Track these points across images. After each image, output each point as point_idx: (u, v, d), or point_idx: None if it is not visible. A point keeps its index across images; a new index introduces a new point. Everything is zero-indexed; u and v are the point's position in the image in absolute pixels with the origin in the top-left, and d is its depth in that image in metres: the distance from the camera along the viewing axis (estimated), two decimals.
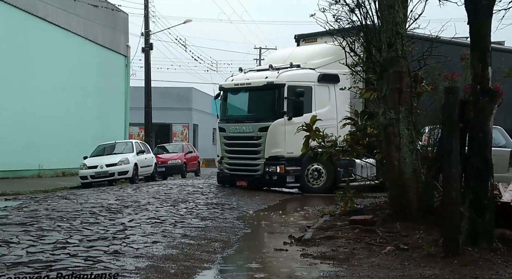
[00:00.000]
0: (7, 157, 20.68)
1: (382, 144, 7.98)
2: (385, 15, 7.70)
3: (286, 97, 14.44)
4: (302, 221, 9.66)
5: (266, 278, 5.81)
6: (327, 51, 15.41)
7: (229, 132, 15.22)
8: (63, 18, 25.04)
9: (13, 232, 7.25)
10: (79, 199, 11.48)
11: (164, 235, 7.51)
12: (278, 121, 14.45)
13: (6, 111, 21.24)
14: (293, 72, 14.95)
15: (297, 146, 14.21)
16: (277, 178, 14.50)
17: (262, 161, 14.49)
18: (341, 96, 14.98)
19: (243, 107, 15.71)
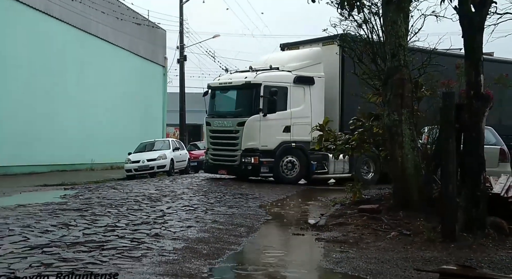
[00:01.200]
0: (66, 153, 21.09)
1: (387, 142, 7.89)
2: (389, 29, 7.61)
3: (262, 95, 14.06)
4: (316, 210, 9.58)
5: (286, 258, 5.76)
6: (304, 56, 15.28)
7: (213, 127, 14.93)
8: (111, 35, 25.33)
9: (71, 216, 7.31)
10: (125, 189, 11.55)
11: (197, 220, 7.50)
12: (253, 117, 14.07)
13: (65, 115, 21.61)
14: (270, 74, 14.61)
15: (271, 139, 14.26)
16: (251, 168, 14.08)
17: (239, 153, 14.15)
18: (316, 97, 14.79)
19: (225, 104, 15.38)
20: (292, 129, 14.38)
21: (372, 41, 8.59)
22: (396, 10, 7.50)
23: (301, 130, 14.30)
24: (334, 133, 9.47)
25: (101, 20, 24.02)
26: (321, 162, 14.74)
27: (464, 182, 6.26)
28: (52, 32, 20.96)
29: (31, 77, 19.60)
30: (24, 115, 19.15)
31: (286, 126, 14.34)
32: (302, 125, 14.30)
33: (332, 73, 15.18)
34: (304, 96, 14.72)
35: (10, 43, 18.51)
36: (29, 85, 19.54)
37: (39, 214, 7.44)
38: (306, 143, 14.56)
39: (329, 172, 15.02)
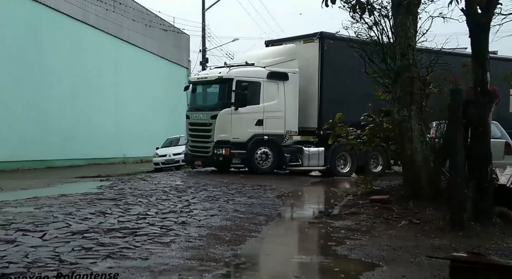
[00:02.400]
0: (101, 148, 21.39)
1: (397, 137, 7.72)
2: (398, 31, 7.42)
3: (233, 90, 13.38)
4: (330, 200, 9.43)
5: (301, 245, 5.66)
6: (278, 52, 14.69)
7: (191, 119, 14.39)
8: (141, 40, 25.51)
9: (107, 205, 7.31)
10: (153, 181, 11.54)
11: (219, 209, 7.42)
12: (225, 111, 13.42)
13: (101, 114, 21.87)
14: (242, 69, 13.95)
15: (242, 132, 13.64)
16: (223, 159, 13.41)
17: (212, 144, 13.55)
18: (290, 92, 14.18)
19: (202, 98, 14.93)
20: (265, 122, 13.75)
21: (382, 42, 8.39)
22: (405, 12, 7.32)
23: (274, 124, 13.87)
24: (346, 128, 9.29)
25: (132, 27, 24.21)
26: (296, 155, 14.20)
27: (472, 173, 6.06)
28: (88, 39, 21.23)
29: (72, 82, 20.03)
30: (67, 116, 19.58)
31: (258, 119, 13.70)
32: (275, 119, 13.89)
33: (312, 70, 14.60)
34: (278, 91, 14.07)
35: (52, 51, 18.95)
36: (71, 89, 19.98)
37: (79, 203, 7.47)
38: (279, 136, 14.10)
39: (303, 165, 14.32)
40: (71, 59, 19.91)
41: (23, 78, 17.50)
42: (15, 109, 16.92)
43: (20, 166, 16.76)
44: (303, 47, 14.75)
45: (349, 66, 14.67)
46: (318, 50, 14.45)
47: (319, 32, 14.60)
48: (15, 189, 10.02)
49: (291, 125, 14.26)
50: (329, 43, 14.51)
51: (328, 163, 14.48)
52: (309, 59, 14.61)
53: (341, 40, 14.98)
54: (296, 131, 14.54)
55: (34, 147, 17.53)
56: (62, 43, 19.44)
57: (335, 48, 14.60)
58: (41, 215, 6.20)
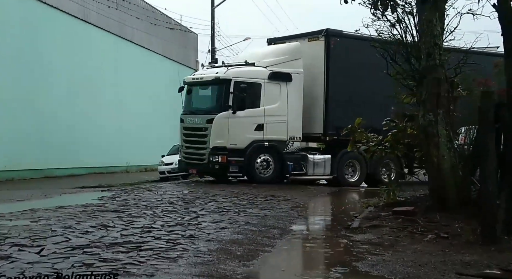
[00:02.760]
0: (102, 155, 21.51)
1: (422, 143, 7.70)
2: (424, 28, 7.43)
3: (231, 92, 13.16)
4: (349, 211, 9.41)
5: (319, 260, 5.66)
6: (281, 51, 14.49)
7: (186, 123, 14.14)
8: (145, 39, 25.73)
9: (109, 217, 7.37)
10: (159, 191, 11.62)
11: (230, 222, 7.45)
12: (222, 114, 13.21)
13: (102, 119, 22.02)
14: (242, 69, 13.74)
15: (240, 138, 13.36)
16: (219, 167, 13.20)
17: (208, 151, 13.30)
18: (293, 94, 14.01)
19: (198, 101, 14.57)
20: (266, 127, 13.59)
21: (406, 41, 8.40)
22: (431, 9, 7.32)
23: (276, 129, 13.73)
24: (366, 134, 9.29)
25: (136, 25, 24.44)
26: (299, 163, 14.08)
27: (504, 182, 6.02)
28: (89, 38, 21.44)
29: (70, 84, 20.16)
30: (65, 121, 19.70)
31: (258, 124, 13.53)
32: (277, 124, 13.74)
33: (317, 70, 14.50)
34: (280, 93, 13.91)
35: (50, 50, 19.08)
36: (69, 91, 20.08)
37: (79, 215, 7.55)
38: (281, 142, 13.98)
39: (307, 173, 14.23)
40: (70, 60, 20.12)
41: (20, 80, 17.69)
42: (11, 115, 17.04)
43: (16, 175, 16.92)
44: (308, 46, 14.67)
45: (358, 66, 14.79)
46: (324, 49, 14.37)
47: (324, 29, 14.51)
48: (10, 201, 10.15)
49: (294, 131, 14.14)
50: (336, 41, 14.47)
51: (335, 171, 14.41)
52: (314, 59, 14.51)
53: (349, 38, 14.75)
54: (299, 137, 14.38)
55: (31, 155, 17.64)
56: (62, 43, 19.66)
57: (343, 47, 14.59)
58: (38, 229, 6.27)
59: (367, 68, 14.76)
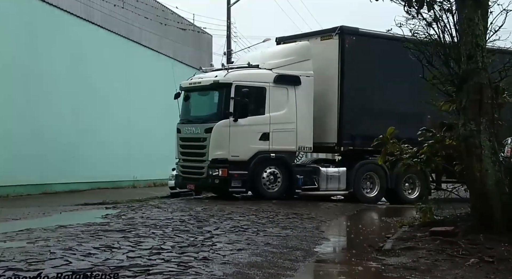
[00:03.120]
0: (107, 169, 21.65)
1: (462, 156, 7.65)
2: (464, 28, 7.41)
3: (233, 97, 12.98)
4: (380, 231, 9.37)
5: None
6: (288, 52, 14.31)
7: (183, 134, 14.01)
8: (155, 41, 25.96)
9: (114, 238, 7.45)
10: (169, 208, 11.71)
11: (248, 242, 7.49)
12: (222, 122, 13.02)
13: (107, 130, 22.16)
14: (244, 72, 13.55)
15: (243, 148, 13.14)
16: (219, 182, 13.03)
17: (207, 164, 13.13)
18: (302, 99, 13.81)
19: (196, 108, 14.42)
20: (272, 136, 13.41)
21: (444, 42, 8.39)
22: (473, 6, 7.31)
23: (283, 138, 13.58)
24: (399, 145, 9.27)
25: (145, 26, 24.68)
26: (310, 176, 13.92)
27: None
28: (93, 40, 21.64)
29: (72, 90, 20.22)
30: (66, 131, 19.76)
31: (263, 133, 13.35)
32: (284, 133, 13.62)
33: (331, 72, 14.38)
34: (288, 98, 13.75)
35: (50, 55, 19.15)
36: (70, 99, 20.17)
37: (80, 235, 7.65)
38: (290, 153, 13.78)
39: (320, 188, 14.07)
40: (72, 64, 20.27)
41: (16, 87, 17.84)
42: (5, 124, 17.08)
43: (11, 191, 17.00)
44: (320, 45, 14.57)
45: (379, 69, 14.84)
46: (338, 48, 14.26)
47: (338, 26, 14.39)
48: (5, 219, 10.27)
49: (304, 140, 13.99)
50: (351, 39, 14.37)
51: (351, 185, 14.30)
52: (327, 60, 14.40)
53: (368, 36, 14.84)
54: (310, 147, 14.22)
55: (29, 168, 17.64)
56: (62, 45, 19.80)
57: (360, 46, 14.53)
58: (35, 251, 6.34)
59: (390, 71, 14.92)
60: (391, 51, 14.65)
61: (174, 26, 26.71)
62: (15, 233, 7.88)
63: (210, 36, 31.91)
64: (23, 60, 18.04)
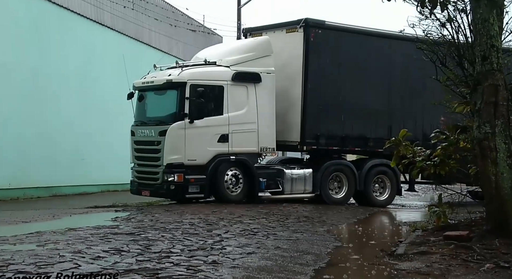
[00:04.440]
0: (117, 171, 21.65)
1: (477, 159, 7.58)
2: (479, 28, 7.33)
3: (187, 97, 12.38)
4: (393, 235, 9.30)
5: None
6: (247, 47, 13.76)
7: (137, 137, 13.37)
8: (165, 43, 26.05)
9: (123, 241, 7.46)
10: (178, 211, 11.72)
11: (257, 246, 7.47)
12: (177, 125, 12.43)
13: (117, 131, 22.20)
14: (199, 70, 12.98)
15: (200, 152, 12.55)
16: (175, 188, 12.46)
17: (162, 169, 12.56)
18: (263, 97, 13.27)
19: (150, 109, 13.73)
20: (231, 138, 12.86)
21: (458, 42, 8.33)
22: (488, 6, 7.23)
23: (244, 140, 13.03)
24: (412, 148, 9.19)
25: (154, 27, 24.77)
26: (274, 179, 13.42)
27: None
28: (103, 42, 21.75)
29: (82, 92, 20.32)
30: (75, 133, 19.84)
31: (222, 135, 12.79)
32: (245, 133, 13.08)
33: (295, 66, 13.82)
34: (248, 97, 13.16)
35: (60, 57, 19.26)
36: (81, 100, 20.25)
37: (90, 238, 7.68)
38: (252, 155, 13.25)
39: (284, 191, 13.55)
40: (81, 67, 20.41)
41: (25, 89, 17.99)
42: (15, 126, 17.16)
43: (21, 194, 17.09)
44: (285, 38, 14.09)
45: (349, 65, 14.51)
46: (303, 42, 13.79)
47: (303, 18, 13.92)
48: (15, 222, 10.35)
49: (266, 141, 13.50)
50: (317, 32, 13.92)
51: (317, 188, 13.87)
52: (292, 54, 13.92)
53: (335, 30, 14.46)
54: (273, 148, 13.73)
55: (38, 171, 17.71)
56: (71, 47, 19.92)
57: (327, 40, 14.14)
58: (44, 254, 6.38)
59: (360, 67, 14.67)
60: (362, 46, 14.60)
61: (184, 28, 26.81)
62: (25, 236, 7.93)
63: (221, 37, 31.95)
64: (33, 61, 18.14)
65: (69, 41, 19.81)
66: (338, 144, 14.44)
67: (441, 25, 8.46)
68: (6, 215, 11.48)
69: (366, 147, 14.75)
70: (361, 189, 14.39)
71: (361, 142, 14.70)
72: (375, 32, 15.01)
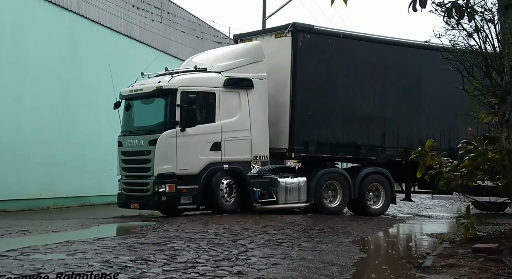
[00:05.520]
0: None
1: (506, 170, 7.39)
2: (507, 38, 7.19)
3: (178, 104, 11.90)
4: (420, 247, 9.11)
5: None
6: (238, 52, 13.36)
7: (124, 147, 12.80)
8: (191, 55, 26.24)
9: (150, 250, 7.46)
10: (203, 221, 11.70)
11: (282, 257, 7.39)
12: (168, 133, 11.92)
13: None
14: (190, 76, 12.56)
15: (192, 161, 12.04)
16: (166, 199, 11.89)
17: (152, 180, 12.03)
18: (256, 104, 12.85)
19: (138, 118, 13.19)
20: (224, 146, 12.38)
21: (486, 52, 8.17)
22: None
23: (237, 148, 12.56)
24: (439, 158, 9.02)
25: (181, 40, 25.04)
26: (268, 189, 12.93)
27: None
28: (131, 54, 22.05)
29: (112, 103, 20.52)
30: (105, 143, 19.96)
31: (214, 143, 12.29)
32: (238, 141, 12.62)
33: (284, 72, 13.47)
34: (240, 103, 12.73)
35: (91, 68, 19.60)
36: (110, 111, 20.29)
37: (117, 248, 7.70)
38: (245, 164, 12.84)
39: (279, 201, 13.06)
40: (110, 78, 20.64)
41: (56, 99, 18.19)
42: (46, 137, 17.36)
43: (51, 203, 17.24)
44: (274, 44, 13.77)
45: (340, 70, 14.26)
46: (291, 47, 13.39)
47: (291, 23, 13.64)
48: (45, 231, 10.45)
49: (259, 149, 13.04)
50: (305, 37, 13.64)
51: (312, 196, 13.44)
52: (281, 59, 13.61)
53: (324, 35, 14.22)
54: (267, 155, 13.25)
55: (67, 181, 17.91)
56: (101, 59, 20.23)
57: (316, 45, 13.84)
58: (74, 263, 6.40)
59: (350, 72, 14.40)
60: (353, 51, 14.31)
61: (210, 40, 27.05)
62: (55, 245, 7.99)
63: None
64: (65, 73, 18.52)
65: (99, 53, 20.15)
66: (328, 151, 14.04)
67: (468, 36, 8.32)
68: (37, 224, 11.61)
69: (358, 154, 14.39)
70: (355, 197, 14.01)
71: (352, 149, 14.33)
72: (366, 37, 14.75)
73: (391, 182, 14.53)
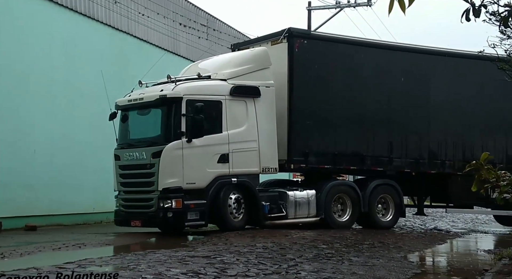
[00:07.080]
0: None
1: None
2: None
3: (184, 114, 11.13)
4: (476, 263, 8.77)
5: None
6: (244, 59, 12.65)
7: (123, 161, 11.83)
8: None
9: (200, 264, 7.47)
10: (251, 235, 11.65)
11: (333, 271, 7.26)
12: (173, 144, 11.10)
13: None
14: (195, 84, 11.80)
15: (199, 174, 11.32)
16: (172, 215, 11.00)
17: (156, 195, 11.18)
18: (263, 113, 12.14)
19: (137, 129, 12.30)
20: (232, 158, 11.62)
21: None
22: None
23: (245, 159, 11.85)
24: (495, 172, 8.68)
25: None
26: (277, 203, 12.27)
27: None
28: (178, 70, 22.42)
29: None
30: None
31: (222, 154, 11.55)
32: (245, 153, 11.91)
33: (281, 80, 12.78)
34: (247, 113, 12.01)
35: None
36: None
37: (169, 261, 7.75)
38: (253, 177, 12.09)
39: (288, 215, 12.39)
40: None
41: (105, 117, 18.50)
42: (98, 155, 17.31)
43: (104, 217, 17.45)
44: (270, 51, 12.97)
45: (339, 77, 13.67)
46: (287, 53, 12.87)
47: (286, 28, 13.10)
48: (99, 245, 10.67)
49: (268, 160, 12.29)
50: (302, 43, 13.05)
51: (321, 210, 12.74)
52: (277, 67, 12.83)
53: (321, 40, 13.72)
54: (276, 168, 12.46)
55: None
56: (150, 77, 20.67)
57: (313, 51, 13.26)
58: (127, 276, 6.47)
59: (355, 80, 13.81)
60: (354, 57, 13.79)
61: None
62: (109, 258, 8.15)
63: None
64: (113, 91, 18.86)
65: (148, 71, 20.60)
66: (330, 162, 13.34)
67: None
68: (92, 237, 11.87)
69: (363, 165, 13.63)
70: (365, 210, 13.42)
71: (357, 159, 13.62)
72: (367, 42, 14.32)
73: (400, 194, 13.91)
